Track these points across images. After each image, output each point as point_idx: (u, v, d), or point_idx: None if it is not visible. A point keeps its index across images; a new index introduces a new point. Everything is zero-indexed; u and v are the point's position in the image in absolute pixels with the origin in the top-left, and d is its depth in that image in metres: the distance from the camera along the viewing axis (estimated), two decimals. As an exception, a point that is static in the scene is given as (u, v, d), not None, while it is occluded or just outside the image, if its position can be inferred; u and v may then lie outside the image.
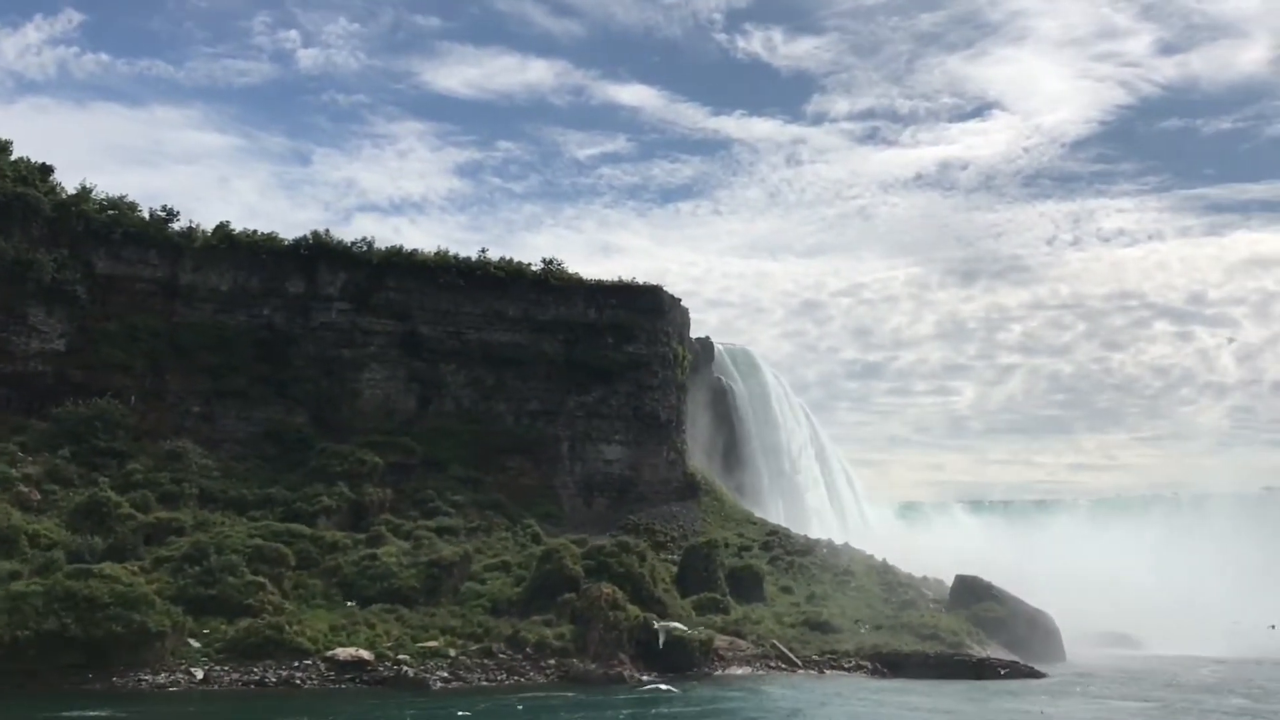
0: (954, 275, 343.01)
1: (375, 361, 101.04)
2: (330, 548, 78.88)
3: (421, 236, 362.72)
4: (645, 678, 65.61)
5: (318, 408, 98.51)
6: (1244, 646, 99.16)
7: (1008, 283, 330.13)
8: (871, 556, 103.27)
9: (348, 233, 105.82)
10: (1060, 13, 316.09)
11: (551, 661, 65.25)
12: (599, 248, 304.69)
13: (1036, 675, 72.15)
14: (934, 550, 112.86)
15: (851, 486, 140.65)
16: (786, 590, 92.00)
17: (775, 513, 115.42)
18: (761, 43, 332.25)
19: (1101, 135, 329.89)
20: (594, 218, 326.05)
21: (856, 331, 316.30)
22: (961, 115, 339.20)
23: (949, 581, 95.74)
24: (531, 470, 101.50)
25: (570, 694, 56.74)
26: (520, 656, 65.45)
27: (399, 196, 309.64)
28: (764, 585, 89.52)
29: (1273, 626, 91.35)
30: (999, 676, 71.16)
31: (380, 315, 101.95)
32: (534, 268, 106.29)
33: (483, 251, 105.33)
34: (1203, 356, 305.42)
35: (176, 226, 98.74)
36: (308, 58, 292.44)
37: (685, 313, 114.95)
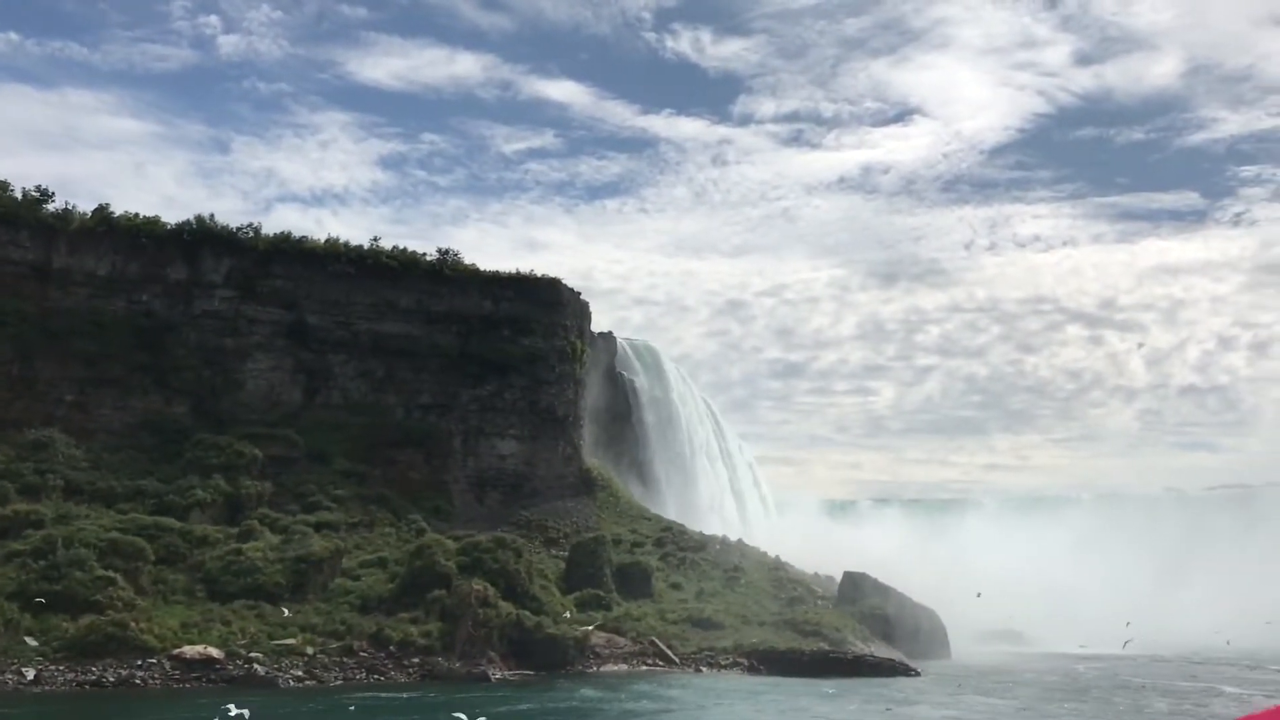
0: (874, 277, 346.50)
1: (260, 351, 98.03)
2: (199, 542, 76.37)
3: (343, 228, 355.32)
4: (513, 676, 64.46)
5: (198, 398, 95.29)
6: (1129, 644, 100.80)
7: (926, 285, 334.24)
8: (765, 554, 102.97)
9: (266, 223, 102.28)
10: (982, 21, 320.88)
11: (415, 660, 63.77)
12: (525, 243, 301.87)
13: (910, 673, 72.23)
14: (840, 547, 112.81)
15: (757, 483, 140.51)
16: (676, 587, 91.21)
17: (674, 509, 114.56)
18: (690, 43, 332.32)
19: (1019, 142, 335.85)
20: (520, 213, 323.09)
21: (779, 331, 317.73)
22: (884, 120, 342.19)
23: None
24: (422, 464, 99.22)
25: (406, 695, 55.14)
26: (383, 655, 63.86)
27: (320, 188, 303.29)
28: (652, 582, 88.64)
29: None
30: (873, 674, 71.10)
31: (266, 303, 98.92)
32: (428, 257, 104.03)
33: (375, 240, 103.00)
34: (1113, 360, 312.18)
35: (51, 208, 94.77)
36: (229, 44, 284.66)
37: (585, 306, 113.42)
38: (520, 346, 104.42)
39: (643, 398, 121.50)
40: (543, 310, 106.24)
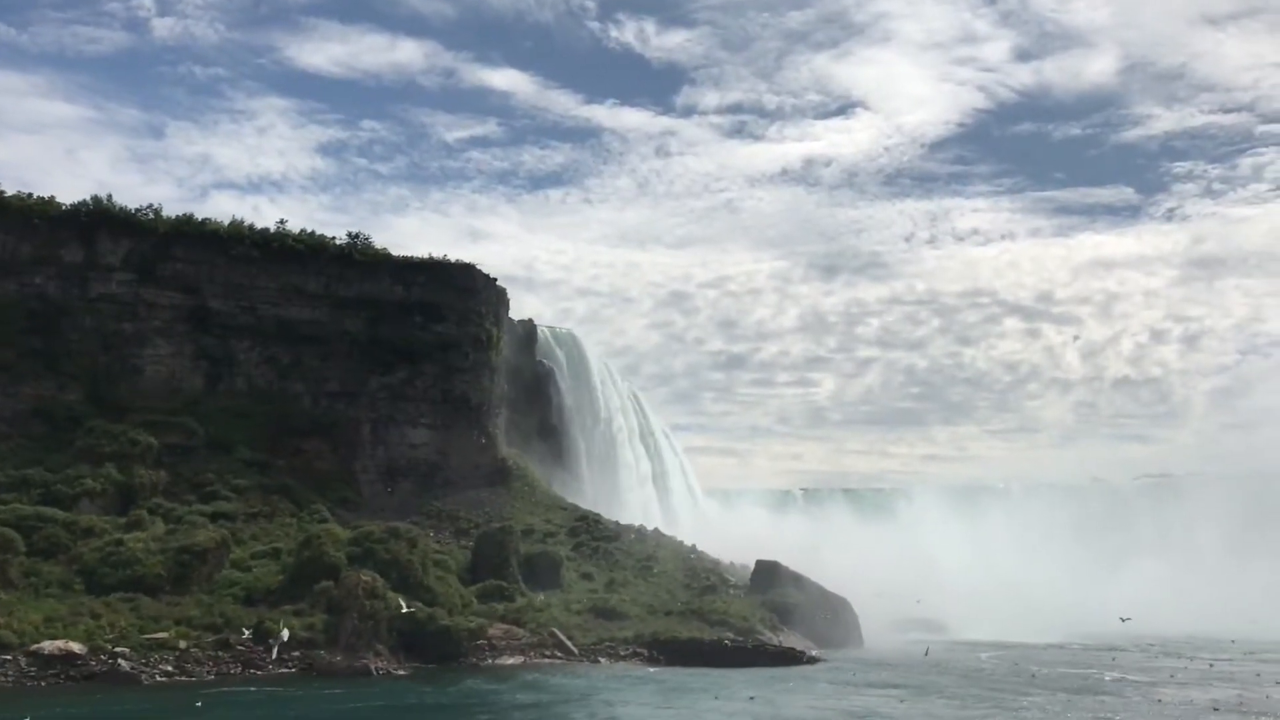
0: (816, 269, 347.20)
1: (160, 336, 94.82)
2: (84, 533, 73.58)
3: (281, 216, 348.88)
4: (401, 670, 62.66)
5: (94, 384, 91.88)
6: (1043, 633, 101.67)
7: (867, 278, 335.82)
8: (681, 543, 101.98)
9: (203, 210, 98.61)
10: (923, 16, 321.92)
11: (295, 653, 61.66)
12: (467, 233, 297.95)
13: (810, 661, 71.55)
14: (767, 537, 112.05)
15: (685, 473, 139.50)
16: (587, 577, 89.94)
17: (594, 498, 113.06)
18: (634, 33, 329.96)
19: (959, 137, 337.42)
20: (462, 202, 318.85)
21: (722, 323, 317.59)
22: (826, 113, 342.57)
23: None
24: (329, 454, 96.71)
25: (254, 689, 53.07)
26: (262, 648, 61.63)
27: (258, 175, 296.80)
28: (562, 572, 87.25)
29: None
30: (771, 663, 70.25)
31: (166, 287, 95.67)
32: (337, 240, 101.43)
33: (281, 223, 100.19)
34: (1049, 353, 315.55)
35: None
36: (163, 27, 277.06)
37: (502, 292, 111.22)
38: (433, 333, 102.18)
39: (563, 386, 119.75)
40: (456, 296, 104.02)
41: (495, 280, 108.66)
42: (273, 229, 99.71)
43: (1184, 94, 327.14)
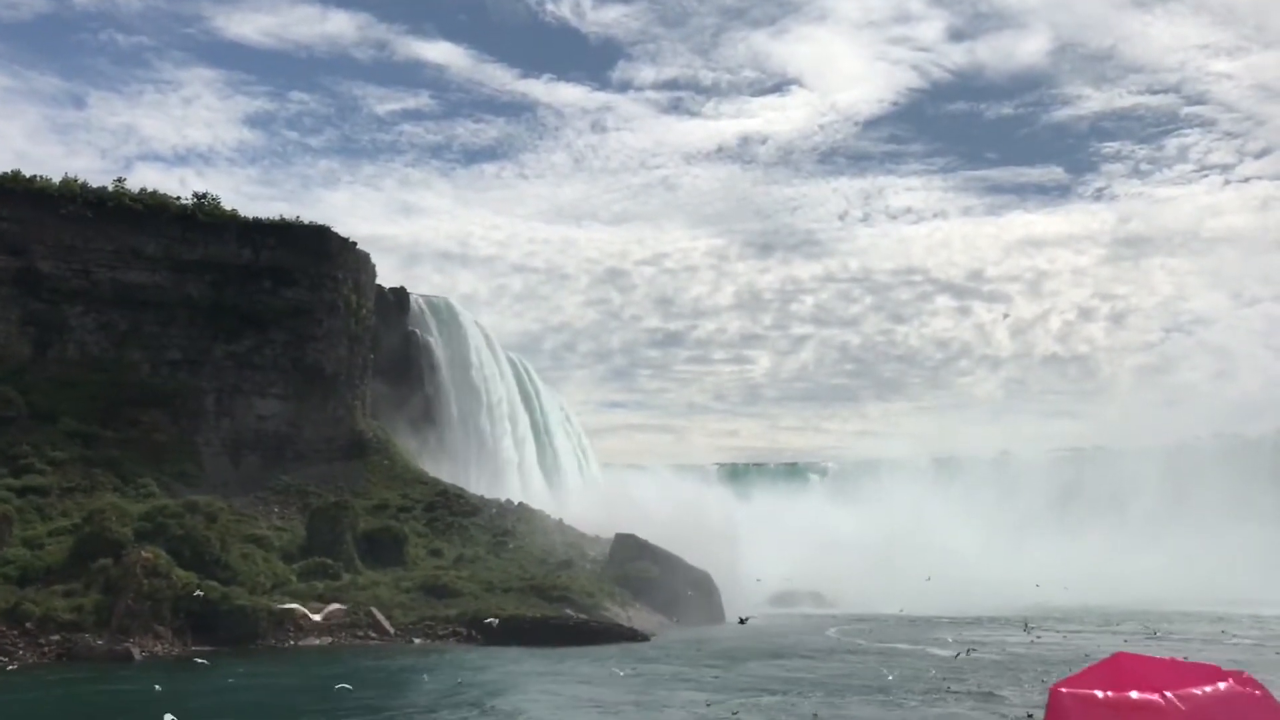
0: (752, 247, 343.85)
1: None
2: None
3: (208, 189, 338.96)
4: (178, 654, 58.02)
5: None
6: (926, 606, 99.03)
7: (802, 256, 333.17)
8: (547, 517, 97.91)
9: (129, 183, 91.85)
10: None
11: (55, 638, 56.81)
12: (400, 207, 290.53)
13: (638, 639, 67.90)
14: (660, 512, 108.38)
15: (578, 447, 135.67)
16: (436, 553, 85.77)
17: (468, 473, 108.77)
18: (570, 7, 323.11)
19: (893, 115, 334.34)
20: (394, 176, 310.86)
21: (658, 300, 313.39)
22: (763, 90, 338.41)
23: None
24: (168, 426, 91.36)
25: None
26: (15, 633, 56.71)
27: (184, 146, 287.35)
28: (405, 549, 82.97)
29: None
30: (595, 640, 66.58)
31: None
32: (181, 200, 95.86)
33: (119, 181, 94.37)
34: (980, 331, 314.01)
35: None
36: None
37: (364, 257, 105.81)
38: (283, 299, 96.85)
39: (437, 357, 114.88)
40: (310, 260, 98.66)
41: (355, 244, 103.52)
42: (109, 187, 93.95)
43: (1113, 75, 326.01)
